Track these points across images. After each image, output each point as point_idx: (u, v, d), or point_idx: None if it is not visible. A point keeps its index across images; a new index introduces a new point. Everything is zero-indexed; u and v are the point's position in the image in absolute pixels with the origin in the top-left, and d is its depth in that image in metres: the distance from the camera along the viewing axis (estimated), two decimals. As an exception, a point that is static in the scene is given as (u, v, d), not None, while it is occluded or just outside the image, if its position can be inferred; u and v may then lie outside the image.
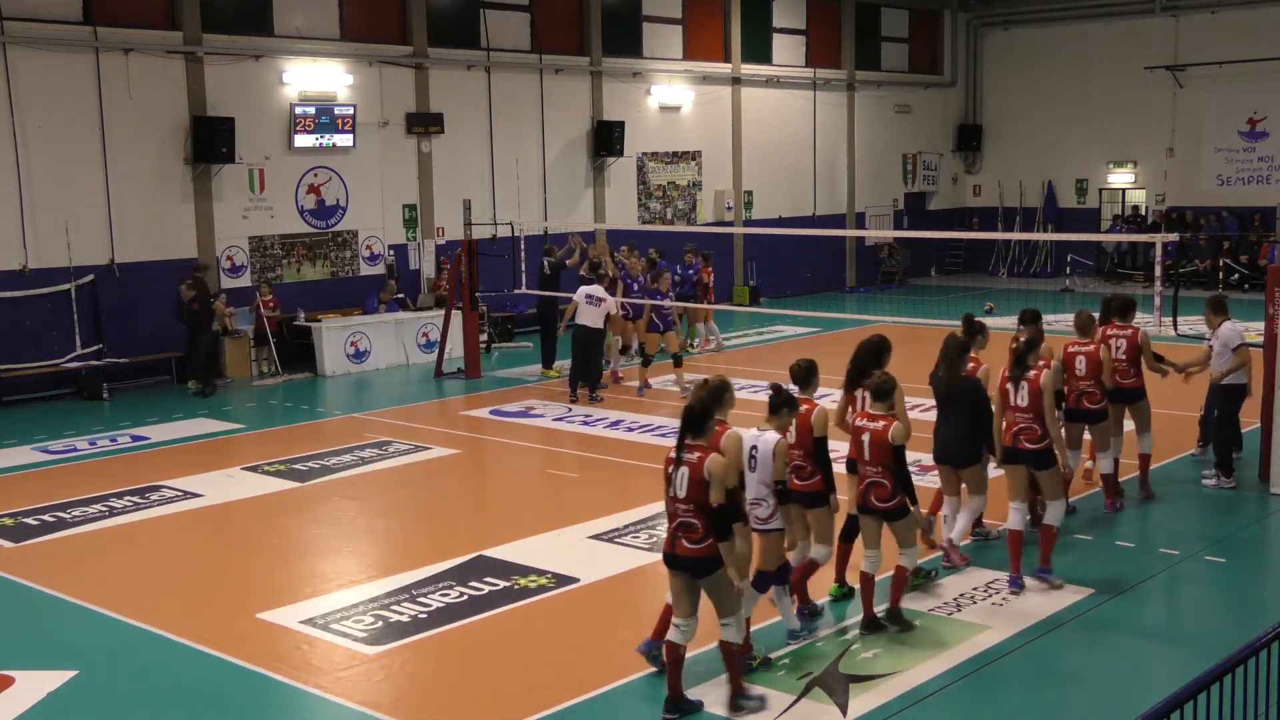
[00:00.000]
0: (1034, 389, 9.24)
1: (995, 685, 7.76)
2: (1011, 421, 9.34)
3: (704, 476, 6.99)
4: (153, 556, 10.84)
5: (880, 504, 8.46)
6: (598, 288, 16.98)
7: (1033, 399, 9.23)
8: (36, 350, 17.99)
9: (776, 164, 28.98)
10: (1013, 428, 9.33)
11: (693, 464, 7.05)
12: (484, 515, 12.20)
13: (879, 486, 8.44)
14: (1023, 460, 9.30)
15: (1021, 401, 9.28)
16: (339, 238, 21.39)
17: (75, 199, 18.28)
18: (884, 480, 8.41)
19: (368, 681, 7.99)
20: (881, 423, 8.44)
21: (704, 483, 7.01)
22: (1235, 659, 5.49)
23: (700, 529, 7.06)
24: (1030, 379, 9.27)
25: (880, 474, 8.42)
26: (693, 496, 7.05)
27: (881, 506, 8.46)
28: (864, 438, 8.47)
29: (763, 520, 7.98)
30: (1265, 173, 29.05)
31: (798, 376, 8.58)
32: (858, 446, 8.53)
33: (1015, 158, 32.91)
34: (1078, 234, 26.20)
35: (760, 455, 7.88)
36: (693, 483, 7.04)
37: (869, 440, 8.44)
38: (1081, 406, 10.83)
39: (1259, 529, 10.88)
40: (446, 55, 22.46)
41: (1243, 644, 5.66)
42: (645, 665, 8.04)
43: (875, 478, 8.45)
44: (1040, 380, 9.25)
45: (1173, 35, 29.90)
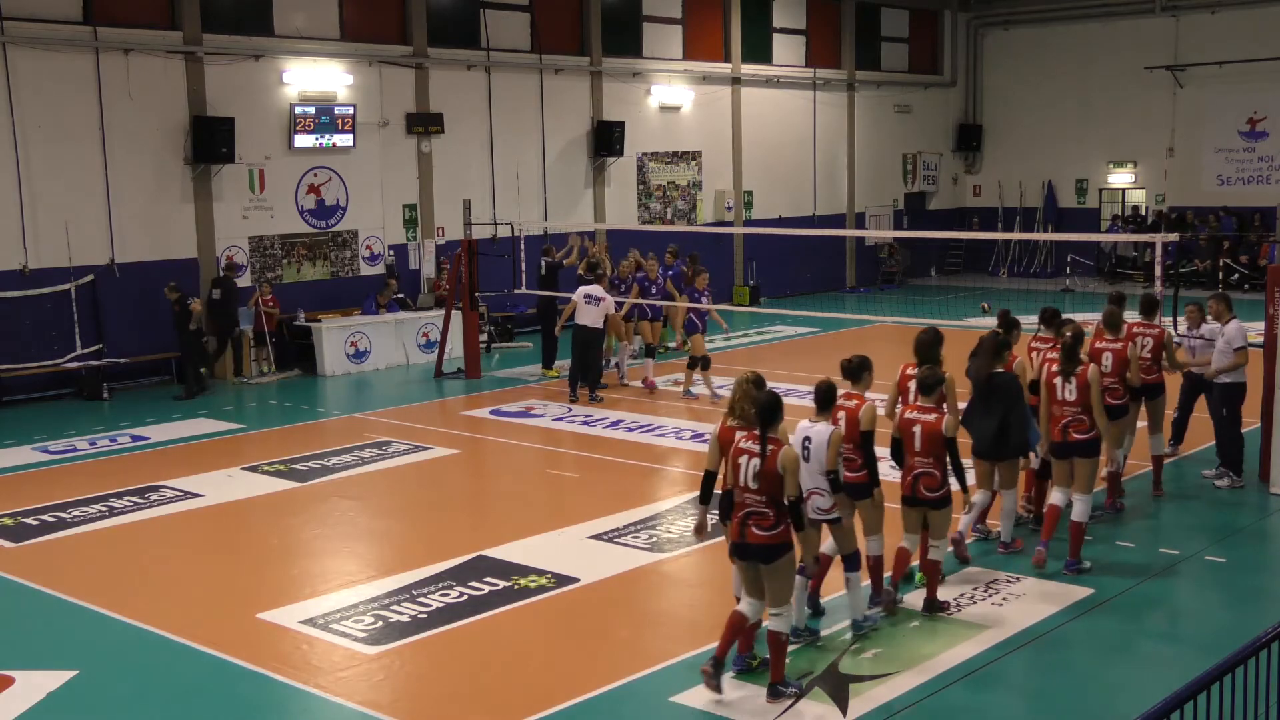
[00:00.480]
0: (1082, 383, 9.52)
1: (995, 685, 7.75)
2: (1060, 414, 9.60)
3: (778, 469, 7.23)
4: (153, 556, 10.84)
5: (928, 494, 8.72)
6: (597, 287, 16.95)
7: (1081, 392, 9.52)
8: (36, 350, 17.99)
9: (776, 164, 28.99)
10: (1061, 420, 9.59)
11: (768, 457, 7.28)
12: (484, 515, 12.19)
13: (928, 477, 8.70)
14: (1072, 453, 9.57)
15: (1070, 395, 9.56)
16: (339, 238, 21.39)
17: (75, 199, 18.28)
18: (934, 471, 8.67)
19: (368, 681, 7.99)
20: (933, 415, 8.69)
21: (778, 475, 7.24)
22: (1235, 659, 5.49)
23: (772, 518, 7.31)
24: (1079, 373, 9.54)
25: (930, 465, 8.67)
26: (765, 489, 7.29)
27: (929, 496, 8.72)
28: (915, 429, 8.69)
29: (825, 510, 8.24)
30: (1265, 173, 29.04)
31: (849, 372, 8.78)
32: (909, 438, 8.74)
33: (1015, 158, 32.91)
34: (1078, 234, 26.20)
35: (814, 446, 8.11)
36: (766, 474, 7.27)
37: (920, 432, 8.66)
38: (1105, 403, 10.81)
39: (1259, 529, 10.88)
40: (446, 55, 22.46)
41: (1243, 644, 5.66)
42: (645, 665, 8.05)
43: (925, 469, 8.70)
44: (1089, 374, 9.53)
45: (1173, 35, 29.90)
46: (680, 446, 14.39)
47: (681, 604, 9.46)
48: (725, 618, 8.83)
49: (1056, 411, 9.64)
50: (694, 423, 15.54)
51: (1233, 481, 11.86)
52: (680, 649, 8.32)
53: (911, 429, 8.72)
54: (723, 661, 7.59)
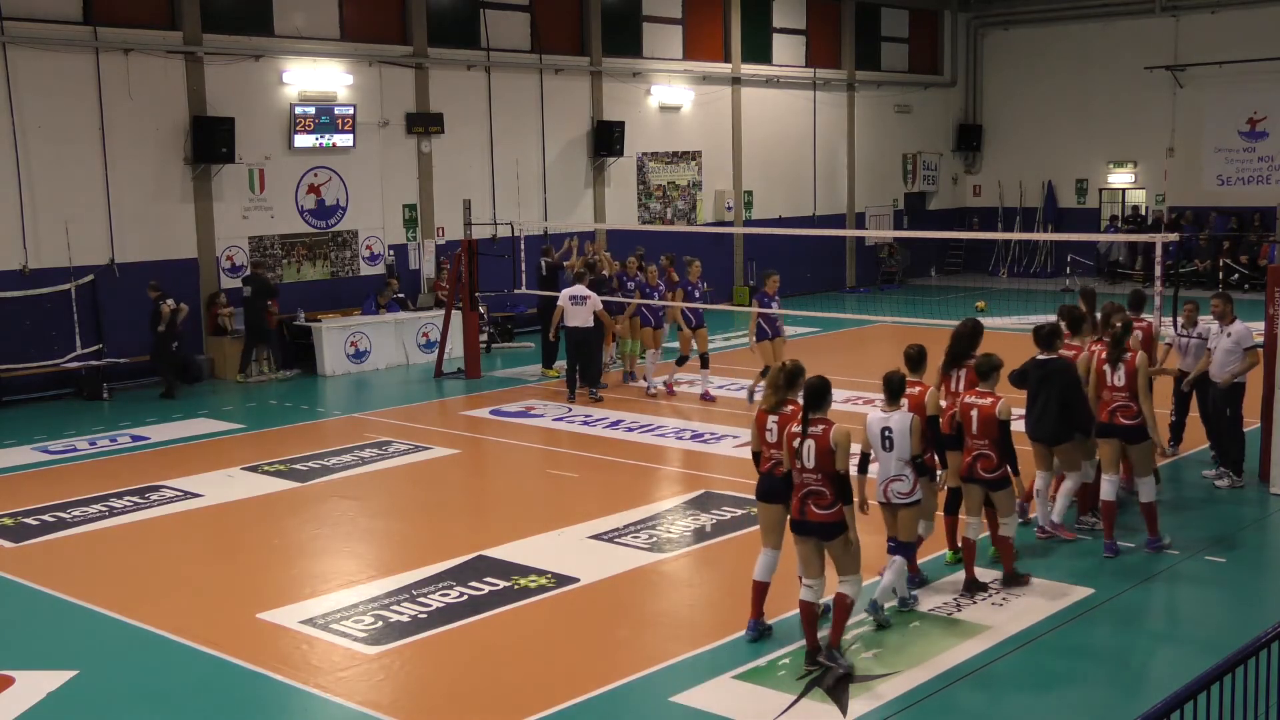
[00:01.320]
0: (1130, 369, 9.95)
1: (995, 685, 7.75)
2: (1108, 400, 10.03)
3: (831, 446, 7.65)
4: (153, 556, 10.84)
5: (986, 474, 9.10)
6: (580, 287, 16.96)
7: (1129, 379, 9.94)
8: (36, 350, 17.98)
9: (776, 164, 28.98)
10: (1108, 405, 10.02)
11: (818, 436, 7.71)
12: (484, 515, 12.19)
13: (985, 459, 9.09)
14: (1116, 435, 9.99)
15: (1118, 381, 9.99)
16: (339, 238, 21.39)
17: (75, 199, 18.28)
18: (990, 453, 9.06)
19: (368, 681, 7.99)
20: (989, 399, 9.08)
21: (831, 451, 7.66)
22: (1235, 659, 5.49)
23: (829, 496, 7.72)
24: (1127, 360, 9.99)
25: (987, 447, 9.06)
26: (821, 466, 7.70)
27: (987, 477, 9.10)
28: (972, 413, 9.09)
29: (905, 495, 8.58)
30: (1265, 173, 29.04)
31: (911, 361, 9.24)
32: (967, 422, 9.13)
33: (1015, 158, 32.91)
34: (1078, 234, 26.20)
35: (896, 434, 8.51)
36: (820, 453, 7.69)
37: (977, 416, 9.07)
38: None
39: (1259, 529, 10.88)
40: (446, 55, 22.46)
41: (1243, 644, 5.66)
42: (645, 665, 8.05)
43: (982, 450, 9.09)
44: (1136, 361, 9.96)
45: (1173, 35, 29.90)
46: (680, 446, 14.39)
47: (681, 604, 9.46)
48: (725, 617, 8.87)
49: (1105, 396, 10.06)
50: (694, 423, 15.55)
51: (1233, 481, 11.86)
52: (680, 649, 8.32)
53: (969, 413, 9.12)
54: (817, 650, 7.90)
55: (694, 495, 12.14)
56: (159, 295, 18.18)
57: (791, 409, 8.12)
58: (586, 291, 16.91)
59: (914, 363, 9.26)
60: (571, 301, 16.84)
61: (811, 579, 7.93)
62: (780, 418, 8.15)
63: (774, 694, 7.56)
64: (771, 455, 8.24)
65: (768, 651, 8.18)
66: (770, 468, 8.28)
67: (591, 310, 16.85)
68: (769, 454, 8.27)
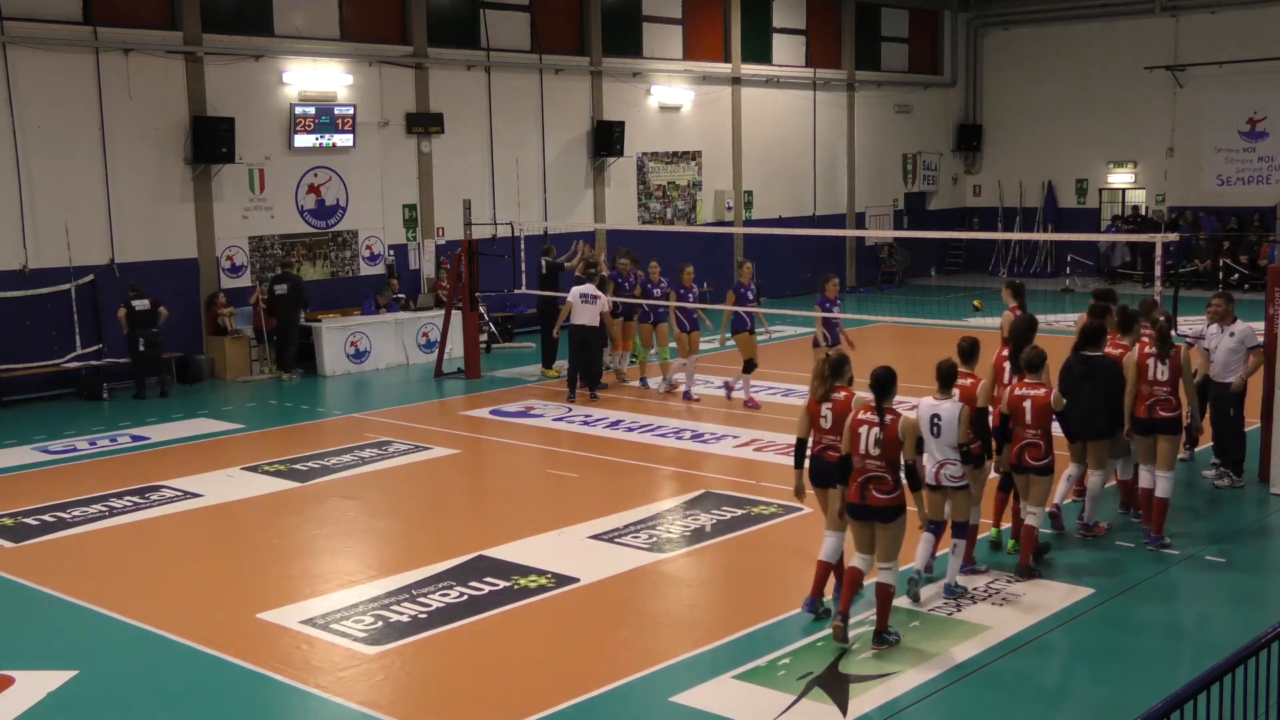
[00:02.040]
0: (1175, 365, 10.19)
1: (995, 685, 7.75)
2: (1147, 394, 10.21)
3: (899, 435, 8.06)
4: (153, 556, 10.83)
5: (1035, 463, 9.43)
6: (591, 286, 16.98)
7: (1173, 374, 10.17)
8: (36, 350, 17.98)
9: (776, 164, 28.98)
10: (1148, 399, 10.20)
11: (888, 426, 8.09)
12: (484, 515, 12.19)
13: (1034, 448, 9.41)
14: (1157, 429, 10.20)
15: (1162, 376, 10.19)
16: (339, 238, 21.39)
17: (75, 199, 18.28)
18: (1040, 442, 9.38)
19: (368, 681, 7.99)
20: (1043, 389, 9.41)
21: (898, 441, 8.06)
22: (1235, 659, 5.49)
23: (890, 482, 8.12)
24: (1172, 355, 10.21)
25: (1038, 436, 9.37)
26: (886, 454, 8.09)
27: (1035, 465, 9.43)
28: (1025, 404, 9.39)
29: (957, 479, 8.98)
30: (1265, 173, 29.04)
31: (964, 352, 9.60)
32: (1019, 412, 9.42)
33: (1015, 158, 32.91)
34: (1078, 234, 26.19)
35: (945, 422, 8.87)
36: (888, 441, 8.08)
37: (1031, 406, 9.37)
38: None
39: (1259, 529, 10.88)
40: (446, 55, 22.46)
41: (1243, 644, 5.66)
42: (645, 665, 8.05)
43: (1033, 439, 9.40)
44: (1181, 357, 10.25)
45: (1173, 35, 29.90)
46: (680, 446, 14.39)
47: (681, 604, 9.46)
48: (725, 617, 8.89)
49: (1145, 390, 10.22)
50: (694, 423, 15.55)
51: (1233, 481, 11.86)
52: (680, 649, 8.32)
53: (1022, 404, 9.40)
54: (848, 614, 8.24)
55: (694, 495, 12.14)
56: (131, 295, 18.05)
57: (844, 394, 8.65)
58: (597, 291, 16.91)
59: (966, 355, 9.63)
60: (581, 299, 16.80)
61: (865, 554, 8.38)
62: (834, 404, 8.64)
63: (774, 694, 7.56)
64: (823, 441, 8.72)
65: (768, 651, 8.19)
66: (820, 451, 8.75)
67: (599, 310, 16.85)
68: (821, 440, 8.73)
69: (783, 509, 11.51)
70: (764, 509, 11.53)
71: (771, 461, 13.46)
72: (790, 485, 9.24)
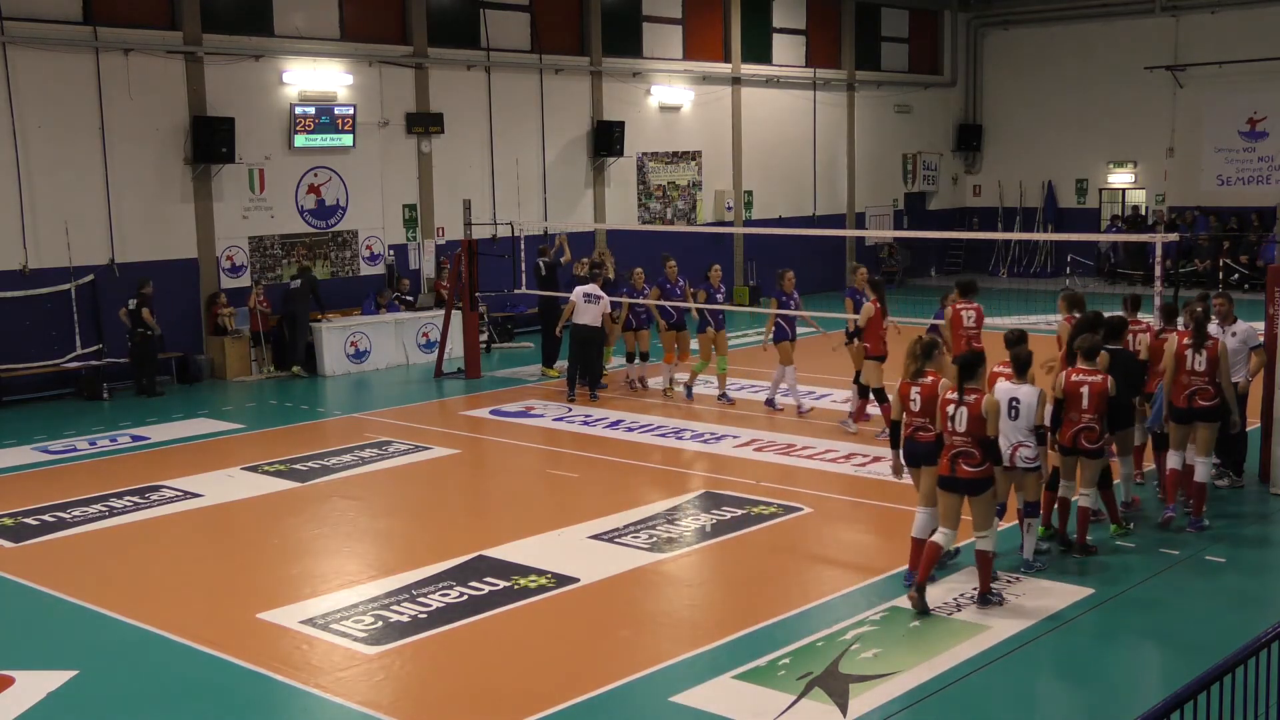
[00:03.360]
0: (1212, 355, 10.51)
1: (995, 685, 7.75)
2: (1187, 383, 10.56)
3: (982, 413, 8.60)
4: (153, 556, 10.83)
5: (1089, 445, 9.81)
6: (594, 286, 17.00)
7: (1210, 364, 10.49)
8: (36, 350, 17.98)
9: (776, 164, 28.98)
10: (1186, 389, 10.56)
11: (971, 404, 8.66)
12: (484, 515, 12.19)
13: (1090, 431, 9.80)
14: (1195, 418, 10.57)
15: (1199, 366, 10.52)
16: (339, 238, 21.39)
17: (75, 199, 18.28)
18: (1095, 425, 9.78)
19: (368, 681, 7.99)
20: (1100, 376, 9.78)
21: (982, 419, 8.61)
22: (1235, 659, 5.49)
23: (978, 456, 8.67)
24: (1209, 346, 10.53)
25: (1094, 420, 9.77)
26: (972, 430, 8.65)
27: (1089, 448, 9.82)
28: (1083, 390, 9.76)
29: (1031, 460, 9.37)
30: (1265, 173, 29.04)
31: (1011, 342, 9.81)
32: (1075, 398, 9.79)
33: (1015, 158, 32.90)
34: (1078, 234, 26.20)
35: (1023, 405, 9.26)
36: (972, 419, 8.65)
37: (1089, 391, 9.74)
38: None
39: (1259, 529, 10.88)
40: (446, 55, 22.46)
41: (1243, 644, 5.66)
42: (645, 665, 8.06)
43: (1089, 424, 9.78)
44: (1218, 348, 10.53)
45: (1173, 35, 29.90)
46: (680, 446, 14.39)
47: (681, 604, 9.46)
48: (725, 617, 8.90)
49: (1184, 380, 10.55)
50: (694, 423, 15.55)
51: (1233, 481, 11.85)
52: (680, 649, 8.32)
53: (1079, 390, 9.75)
54: (924, 585, 8.79)
55: (694, 495, 12.14)
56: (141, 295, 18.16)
57: (931, 379, 9.13)
58: (600, 292, 16.94)
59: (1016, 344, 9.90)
60: (585, 299, 16.81)
61: (948, 528, 8.85)
62: (922, 387, 9.14)
63: (774, 694, 7.56)
64: (914, 423, 9.20)
65: (768, 651, 8.18)
66: (912, 434, 9.25)
67: (602, 311, 16.87)
68: (912, 421, 9.22)
69: (783, 509, 11.52)
70: (764, 509, 11.53)
71: (771, 461, 13.47)
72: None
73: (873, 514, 11.52)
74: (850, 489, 12.32)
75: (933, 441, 9.07)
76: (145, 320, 18.04)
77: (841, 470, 13.03)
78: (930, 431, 9.08)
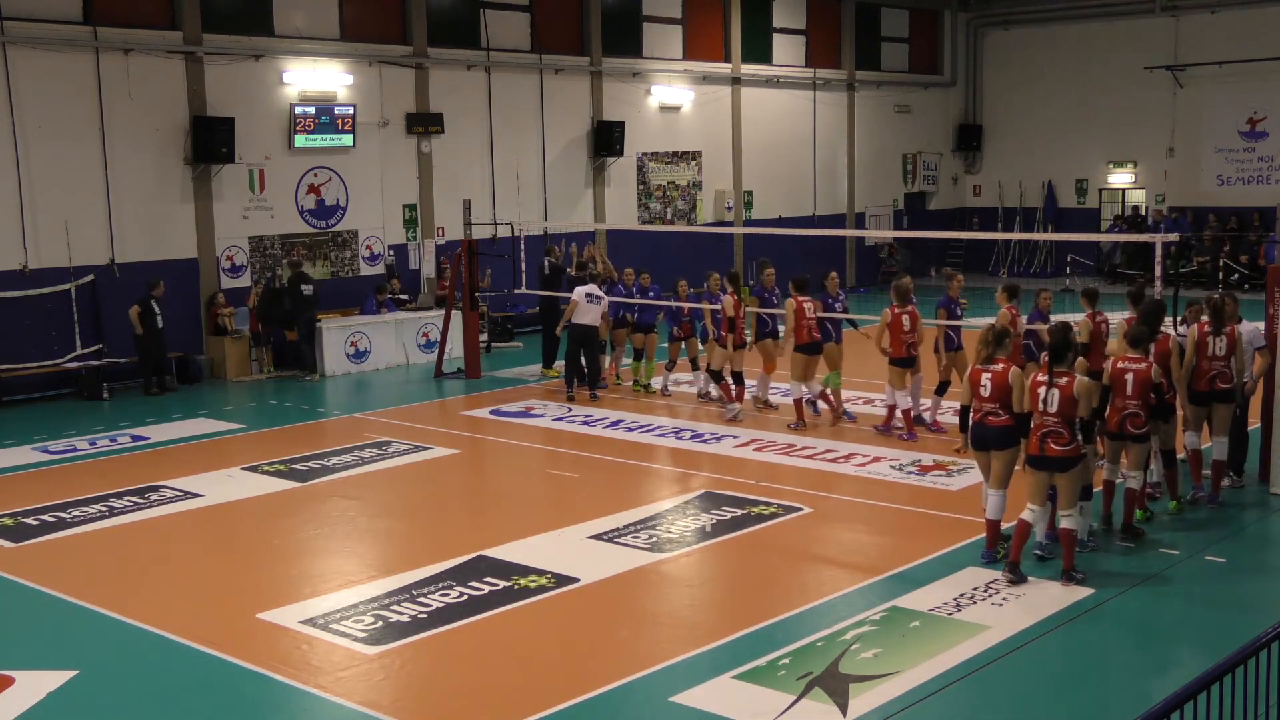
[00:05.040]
0: (1231, 339, 11.10)
1: (995, 685, 7.75)
2: (1207, 369, 11.10)
3: (1074, 395, 9.11)
4: (153, 556, 10.83)
5: (1135, 430, 10.23)
6: (595, 286, 17.04)
7: (1229, 347, 11.09)
8: (36, 350, 17.98)
9: (776, 164, 28.98)
10: (1207, 374, 11.10)
11: (1062, 386, 9.15)
12: (484, 515, 12.19)
13: (1136, 417, 10.18)
14: (1215, 399, 11.14)
15: (1220, 350, 11.11)
16: (339, 238, 21.39)
17: (75, 199, 18.28)
18: (1140, 411, 10.15)
19: (368, 681, 7.99)
20: (1144, 364, 10.16)
21: (1073, 400, 9.11)
22: (1235, 659, 5.49)
23: (1067, 436, 9.16)
24: (1228, 331, 11.10)
25: (1139, 406, 10.13)
26: (1063, 411, 9.14)
27: (1136, 432, 10.24)
28: (1127, 377, 10.11)
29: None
30: (1265, 173, 29.04)
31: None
32: (1121, 384, 10.14)
33: (1015, 158, 32.90)
34: (1078, 234, 26.20)
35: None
36: (1064, 400, 9.13)
37: (1134, 379, 10.10)
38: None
39: (1259, 529, 10.88)
40: (446, 55, 22.46)
41: (1243, 644, 5.66)
42: (645, 665, 8.05)
43: (1134, 409, 10.14)
44: (1235, 333, 11.12)
45: (1173, 35, 29.90)
46: (680, 446, 14.39)
47: (681, 604, 9.45)
48: (725, 617, 8.91)
49: (1205, 366, 11.08)
50: (694, 423, 15.55)
51: (1233, 481, 11.84)
52: (680, 649, 8.32)
53: (1124, 376, 10.11)
54: (1018, 563, 9.31)
55: (694, 495, 12.14)
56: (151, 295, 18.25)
57: (1003, 366, 9.55)
58: (601, 292, 17.00)
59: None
60: (587, 299, 16.83)
61: (1036, 505, 9.38)
62: (993, 374, 9.54)
63: (774, 694, 7.56)
64: (983, 408, 9.60)
65: (768, 651, 8.18)
66: (981, 418, 9.65)
67: (602, 311, 16.91)
68: (981, 407, 9.62)
69: (783, 509, 11.52)
70: (764, 509, 11.53)
71: (771, 461, 13.47)
72: None
73: (873, 514, 11.51)
74: (850, 489, 12.32)
75: (1004, 426, 9.51)
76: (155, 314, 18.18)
77: (841, 470, 13.03)
78: (1002, 417, 9.51)
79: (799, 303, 14.86)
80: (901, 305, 14.14)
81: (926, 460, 13.19)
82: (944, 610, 8.86)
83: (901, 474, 12.70)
